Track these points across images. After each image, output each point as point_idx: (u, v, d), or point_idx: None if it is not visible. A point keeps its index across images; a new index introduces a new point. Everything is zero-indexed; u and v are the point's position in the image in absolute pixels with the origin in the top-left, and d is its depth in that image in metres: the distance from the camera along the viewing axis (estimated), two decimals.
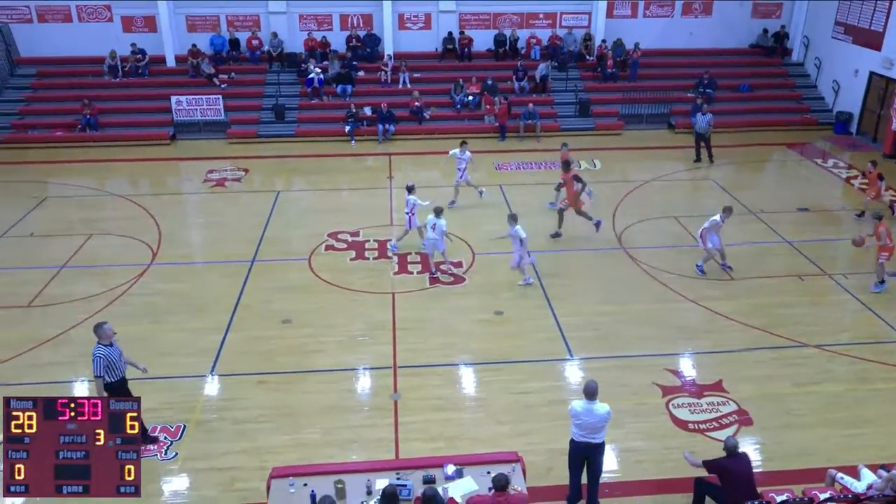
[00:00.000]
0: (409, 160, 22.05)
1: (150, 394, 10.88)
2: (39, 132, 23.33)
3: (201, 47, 25.48)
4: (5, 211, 17.73)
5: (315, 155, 22.20)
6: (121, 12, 25.49)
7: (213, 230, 16.51)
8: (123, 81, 24.97)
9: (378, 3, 25.77)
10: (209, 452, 9.80)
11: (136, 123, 23.91)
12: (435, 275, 14.56)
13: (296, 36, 26.27)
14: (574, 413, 8.38)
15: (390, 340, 12.39)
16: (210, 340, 12.37)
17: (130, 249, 15.77)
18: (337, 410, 10.65)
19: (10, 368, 11.60)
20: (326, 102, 24.82)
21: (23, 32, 25.47)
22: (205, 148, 23.01)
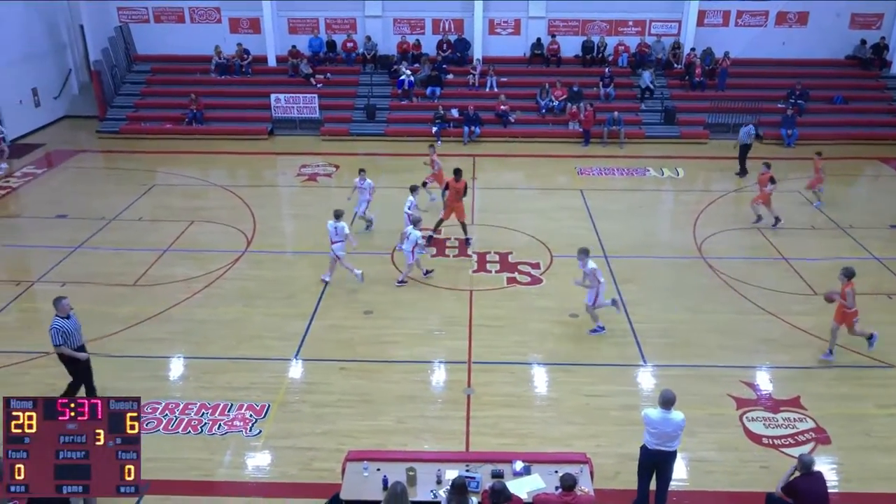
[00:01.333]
0: (493, 162, 22.02)
1: (239, 373, 11.33)
2: (151, 124, 24.50)
3: (300, 48, 26.17)
4: (119, 196, 18.68)
5: (403, 154, 22.45)
6: (229, 14, 26.47)
7: (303, 222, 16.93)
8: (228, 79, 25.91)
9: (469, 9, 25.84)
10: (291, 432, 10.06)
11: (238, 119, 24.79)
12: (403, 282, 14.09)
13: (389, 39, 26.65)
14: (649, 421, 8.16)
15: (466, 336, 12.41)
16: (296, 326, 12.69)
17: (227, 237, 16.35)
18: (412, 400, 10.75)
19: (117, 341, 12.23)
20: (416, 104, 25.07)
21: (141, 32, 26.81)
22: (299, 144, 23.64)
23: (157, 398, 10.70)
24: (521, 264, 15.05)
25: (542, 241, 16.12)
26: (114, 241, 16.12)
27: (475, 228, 16.93)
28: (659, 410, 8.14)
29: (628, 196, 18.98)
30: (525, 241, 16.23)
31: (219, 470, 9.40)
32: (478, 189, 19.56)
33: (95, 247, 15.82)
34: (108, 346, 12.05)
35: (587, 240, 16.21)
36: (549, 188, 19.81)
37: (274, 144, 23.84)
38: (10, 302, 13.59)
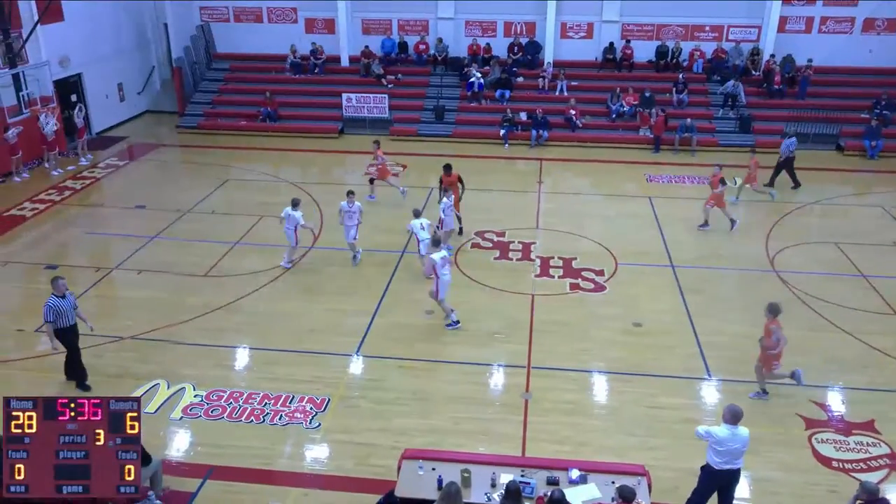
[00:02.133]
0: (560, 166, 21.82)
1: (301, 366, 11.55)
2: (227, 121, 25.23)
3: (373, 49, 26.51)
4: (194, 190, 19.31)
5: (469, 155, 22.47)
6: (305, 14, 27.05)
7: (370, 220, 17.08)
8: (302, 78, 26.47)
9: (542, 12, 25.69)
10: (349, 427, 10.20)
11: (310, 117, 25.28)
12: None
13: (461, 41, 26.73)
14: (718, 440, 7.88)
15: (526, 340, 12.33)
16: (358, 322, 12.85)
17: None
18: (469, 402, 10.75)
19: (187, 329, 12.64)
20: (484, 106, 25.07)
21: (221, 31, 27.66)
22: (368, 143, 23.79)
23: (223, 386, 11.01)
24: (585, 271, 14.86)
25: (607, 248, 15.88)
26: (188, 232, 16.66)
27: (540, 233, 16.82)
28: (726, 427, 7.90)
29: (698, 205, 18.49)
30: (590, 247, 16.02)
31: (278, 459, 9.60)
32: (543, 193, 19.42)
33: (171, 237, 16.38)
34: (179, 334, 12.47)
35: (654, 248, 15.93)
36: (617, 195, 19.51)
37: (343, 143, 24.21)
38: (89, 287, 14.21)
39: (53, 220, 17.64)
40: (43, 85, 20.49)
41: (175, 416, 10.39)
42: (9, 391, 10.89)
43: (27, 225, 17.26)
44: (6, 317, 13.19)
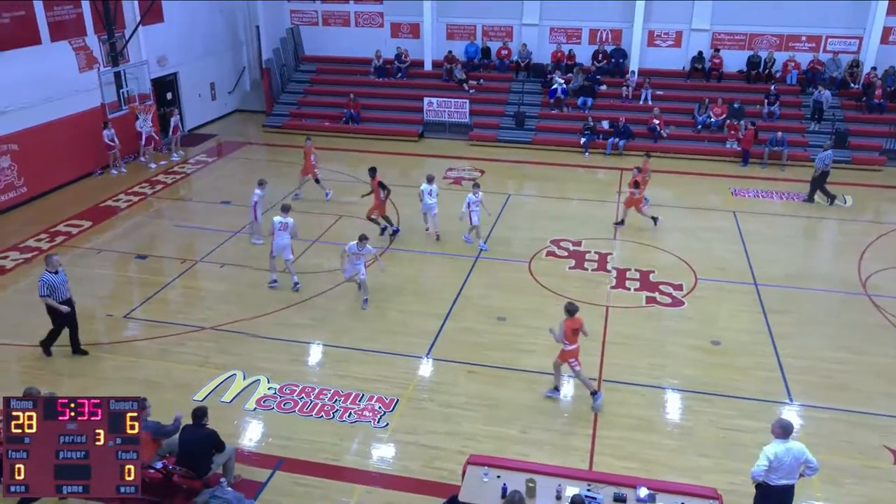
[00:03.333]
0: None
1: (372, 365, 11.71)
2: (311, 121, 25.86)
3: (456, 54, 26.68)
4: (277, 187, 19.85)
5: (548, 163, 22.32)
6: (391, 19, 27.48)
7: (445, 224, 17.18)
8: (385, 81, 26.88)
9: (629, 20, 25.28)
10: (416, 428, 10.27)
11: (391, 120, 25.64)
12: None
13: (544, 48, 26.58)
14: (775, 458, 7.60)
15: (598, 353, 12.13)
16: (429, 325, 12.94)
17: (372, 233, 16.92)
18: (537, 411, 10.65)
19: (264, 324, 13.01)
20: (566, 113, 24.84)
21: (309, 34, 28.42)
22: (447, 147, 24.10)
23: (296, 381, 11.28)
24: (663, 284, 14.51)
25: (687, 262, 15.47)
26: (269, 229, 17.14)
27: (617, 244, 16.53)
28: (779, 443, 7.63)
29: (787, 222, 17.82)
30: (669, 260, 15.64)
31: (346, 456, 9.76)
32: (621, 204, 19.03)
33: (253, 233, 16.89)
34: (257, 328, 12.85)
35: (737, 264, 15.42)
36: (700, 207, 18.98)
37: (423, 147, 24.44)
38: (175, 277, 14.82)
39: (145, 211, 18.50)
40: (142, 83, 21.52)
41: (249, 407, 10.70)
42: (97, 374, 11.56)
43: (121, 216, 18.16)
44: (98, 302, 13.89)
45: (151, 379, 11.34)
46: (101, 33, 20.72)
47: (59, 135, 19.40)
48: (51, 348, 11.99)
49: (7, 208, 18.02)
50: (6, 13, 17.64)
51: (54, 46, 19.28)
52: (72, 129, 19.79)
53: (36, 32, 18.63)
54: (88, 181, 20.37)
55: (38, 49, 18.72)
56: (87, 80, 20.16)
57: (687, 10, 25.11)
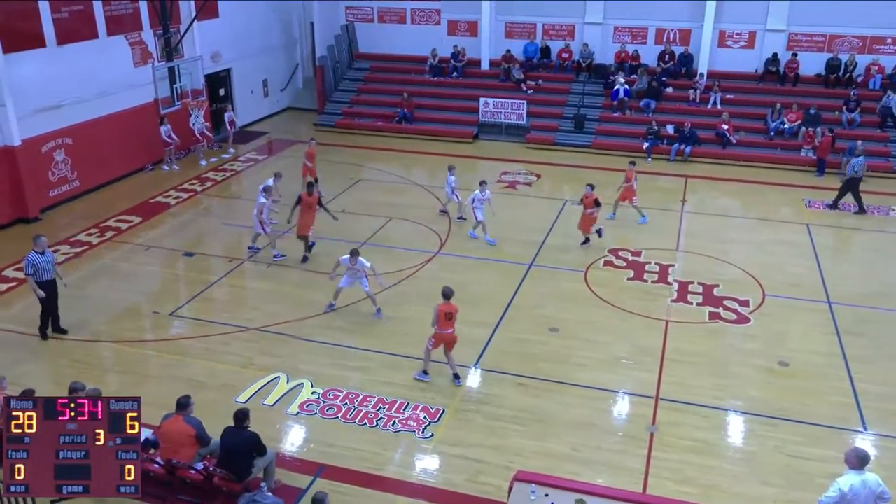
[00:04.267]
0: (707, 185, 21.00)
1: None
2: (364, 121, 26.16)
3: (515, 53, 26.64)
4: (326, 187, 20.08)
5: (608, 168, 22.06)
6: (448, 16, 27.63)
7: (498, 229, 17.16)
8: (440, 81, 27.01)
9: (699, 19, 24.85)
10: (461, 441, 10.25)
11: (445, 120, 25.75)
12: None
13: (607, 48, 26.34)
14: (852, 491, 7.33)
15: (656, 369, 11.92)
16: (479, 334, 12.91)
17: (422, 236, 17.04)
18: (589, 428, 10.52)
19: (309, 326, 13.19)
20: (628, 117, 24.56)
21: (364, 31, 28.79)
22: (503, 150, 24.06)
23: (340, 386, 11.39)
24: (728, 299, 14.19)
25: (755, 277, 15.09)
26: (317, 230, 17.34)
27: (680, 255, 16.24)
28: (854, 474, 7.36)
29: (864, 236, 17.24)
30: (735, 274, 15.29)
31: (388, 466, 9.80)
32: (686, 213, 18.74)
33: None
34: (301, 330, 13.03)
35: (809, 280, 14.98)
36: (770, 219, 18.51)
37: (477, 148, 24.46)
38: (222, 276, 15.15)
39: (194, 208, 18.98)
40: (195, 79, 22.06)
41: (291, 411, 10.84)
42: (142, 371, 11.88)
43: (171, 212, 18.67)
44: (145, 298, 14.30)
45: (195, 378, 11.60)
46: (156, 28, 21.37)
47: (113, 129, 20.06)
48: (46, 331, 12.76)
49: (60, 202, 18.70)
50: (65, 8, 18.35)
51: (110, 41, 19.97)
52: (125, 123, 20.44)
53: (94, 27, 19.33)
54: (140, 176, 21.00)
55: (95, 43, 19.41)
56: (141, 74, 20.80)
57: (761, 10, 24.56)
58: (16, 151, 17.17)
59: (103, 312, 13.72)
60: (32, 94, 17.63)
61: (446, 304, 11.07)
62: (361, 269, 13.25)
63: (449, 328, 11.13)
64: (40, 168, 18.07)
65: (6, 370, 10.79)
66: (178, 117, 21.60)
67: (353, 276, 13.35)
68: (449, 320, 11.08)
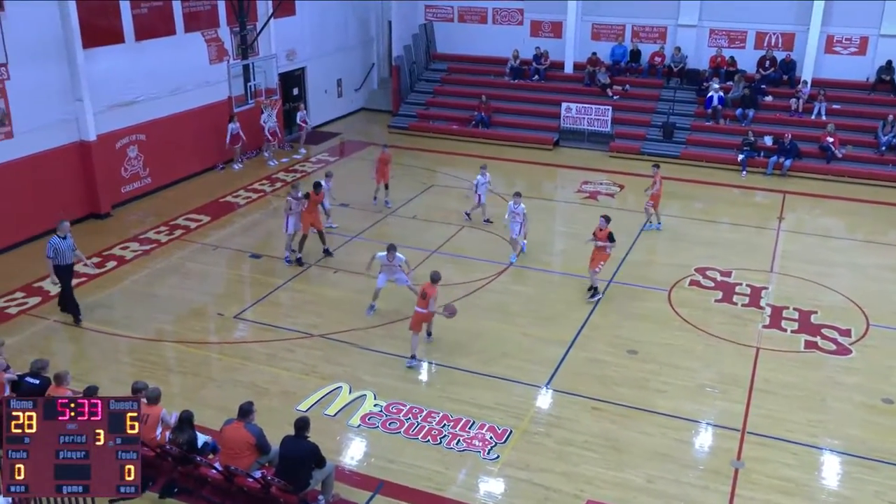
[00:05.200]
0: (808, 202, 20.32)
1: (486, 390, 11.72)
2: (439, 123, 26.38)
3: (601, 56, 26.41)
4: (398, 192, 20.37)
5: (698, 181, 21.63)
6: (532, 16, 27.63)
7: (576, 242, 17.02)
8: (521, 83, 27.01)
9: (805, 22, 24.12)
10: (529, 464, 10.17)
11: (525, 125, 25.71)
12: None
13: (702, 52, 25.83)
14: None
15: (744, 400, 11.58)
16: (552, 352, 12.81)
17: (495, 246, 17.03)
18: (668, 460, 10.29)
19: (374, 336, 13.36)
20: (722, 126, 24.01)
21: (443, 30, 29.08)
22: (584, 158, 23.86)
23: (403, 399, 11.47)
24: (827, 328, 13.68)
25: (858, 305, 14.50)
26: (387, 235, 17.60)
27: (774, 277, 15.76)
28: None
29: None
30: (835, 300, 14.72)
31: (450, 487, 9.81)
32: (783, 232, 18.18)
33: (369, 238, 17.40)
34: (366, 339, 13.21)
35: None
36: (878, 242, 17.77)
37: (557, 156, 24.34)
38: (288, 280, 15.50)
39: (263, 209, 19.49)
40: (269, 77, 22.73)
41: (353, 423, 10.98)
42: (204, 373, 12.26)
43: (239, 212, 19.24)
44: (210, 300, 14.77)
45: (258, 384, 11.89)
46: (233, 25, 22.11)
47: (185, 127, 20.85)
48: (78, 310, 13.61)
49: (131, 198, 19.51)
50: (145, 4, 19.19)
51: (187, 38, 20.77)
52: (198, 121, 21.21)
53: (171, 23, 20.15)
54: (210, 175, 21.72)
55: (172, 40, 20.22)
56: (216, 72, 21.56)
57: (875, 13, 23.64)
58: (91, 146, 18.01)
59: (169, 312, 14.23)
60: (109, 89, 18.50)
61: (431, 287, 12.14)
62: (398, 264, 13.59)
63: (423, 307, 12.12)
64: (113, 164, 18.90)
65: (70, 365, 11.34)
66: (248, 116, 22.25)
67: (389, 273, 13.73)
68: (423, 299, 12.07)
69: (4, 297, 14.51)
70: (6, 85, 16.07)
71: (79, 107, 17.65)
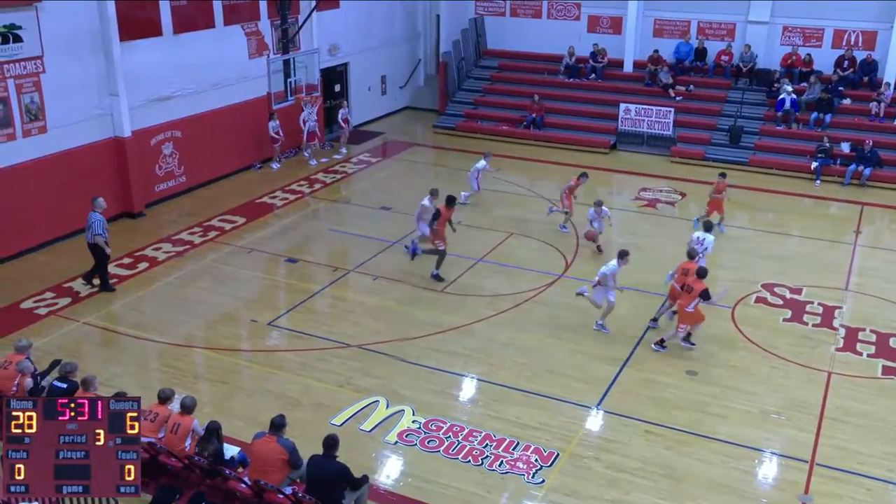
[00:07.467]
0: (888, 214, 19.83)
1: (532, 409, 11.65)
2: (487, 124, 26.38)
3: (663, 54, 26.15)
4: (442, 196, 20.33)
5: (767, 189, 21.24)
6: (589, 11, 27.50)
7: (633, 253, 16.86)
8: (576, 83, 26.89)
9: (888, 20, 23.57)
10: (576, 491, 10.06)
11: (580, 127, 25.58)
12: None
13: (774, 50, 25.40)
14: None
15: (813, 429, 11.31)
16: (604, 370, 12.68)
17: (545, 255, 16.95)
18: (728, 491, 10.09)
19: (415, 347, 13.36)
20: (795, 131, 23.57)
21: (494, 25, 29.11)
22: (643, 163, 23.62)
23: (443, 416, 11.45)
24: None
25: None
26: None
27: (849, 296, 15.37)
28: None
29: None
30: None
31: None
32: (861, 247, 17.75)
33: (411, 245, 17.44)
34: (405, 350, 13.22)
35: None
36: None
37: (614, 160, 24.14)
38: (325, 286, 15.62)
39: (300, 211, 19.71)
40: (310, 72, 22.93)
41: (390, 440, 10.99)
42: (235, 381, 12.41)
43: (276, 213, 19.48)
44: (243, 305, 14.95)
45: (289, 394, 11.99)
46: (274, 18, 22.41)
47: (223, 124, 21.18)
48: (108, 282, 14.99)
49: (165, 197, 19.89)
50: None
51: (227, 31, 21.12)
52: (236, 118, 21.54)
53: (211, 16, 20.51)
54: (247, 174, 22.04)
55: (211, 33, 20.59)
56: (255, 67, 21.87)
57: None
58: (125, 143, 18.42)
59: (200, 316, 14.45)
60: (145, 84, 18.89)
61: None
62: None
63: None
64: (148, 161, 19.29)
65: (97, 369, 11.58)
66: (287, 114, 22.52)
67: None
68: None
69: (34, 298, 14.88)
70: (41, 78, 16.52)
71: (114, 101, 18.06)
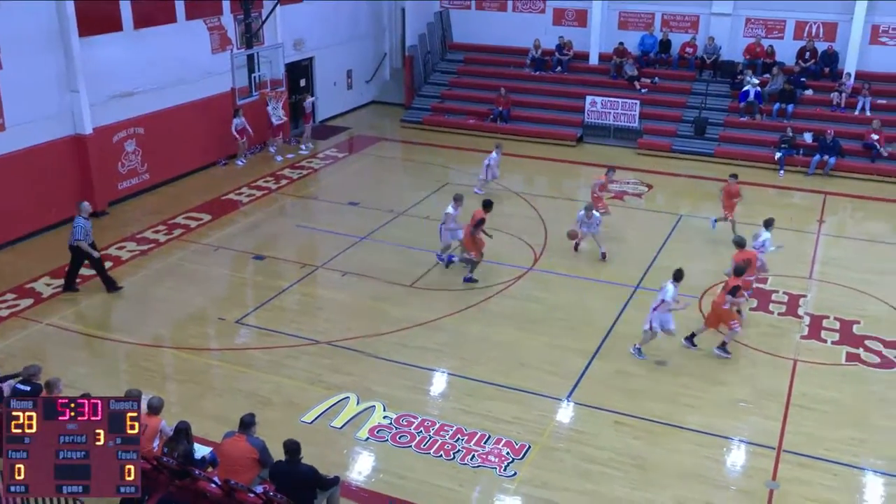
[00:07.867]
0: (851, 204, 20.20)
1: (503, 402, 11.72)
2: (454, 117, 26.40)
3: (628, 47, 26.35)
4: (410, 191, 20.44)
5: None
6: (554, 4, 27.60)
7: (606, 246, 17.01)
8: (542, 76, 26.99)
9: (849, 11, 23.96)
10: (548, 483, 10.15)
11: (546, 120, 25.69)
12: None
13: (737, 42, 25.69)
14: None
15: (779, 416, 11.51)
16: (574, 363, 12.78)
17: (515, 249, 17.02)
18: (697, 480, 10.24)
19: (384, 343, 13.36)
20: (759, 122, 23.89)
21: (460, 18, 29.10)
22: (610, 155, 23.76)
23: (415, 412, 11.48)
24: (871, 339, 13.57)
25: None
26: (398, 237, 17.64)
27: (813, 284, 15.65)
28: None
29: None
30: (881, 310, 14.61)
31: None
32: (824, 236, 18.06)
33: (380, 240, 17.44)
34: (375, 346, 13.22)
35: None
36: None
37: (581, 153, 24.29)
38: (293, 283, 15.55)
39: (267, 208, 19.58)
40: (275, 67, 22.80)
41: (361, 436, 11.00)
42: (204, 381, 12.32)
43: (242, 210, 19.33)
44: (210, 303, 14.83)
45: (259, 393, 11.93)
46: (237, 12, 22.21)
47: (186, 120, 20.94)
48: (110, 279, 15.01)
49: (129, 195, 19.64)
50: None
51: (189, 25, 20.85)
52: (200, 114, 21.31)
53: (172, 10, 20.24)
54: (212, 171, 21.83)
55: (172, 28, 20.31)
56: (218, 62, 21.64)
57: None
58: (87, 140, 18.14)
59: (167, 316, 14.32)
60: (106, 80, 18.60)
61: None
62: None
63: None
64: (110, 159, 19.02)
65: (62, 371, 11.42)
66: (253, 110, 22.34)
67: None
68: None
69: None
70: None
71: (74, 98, 17.79)
